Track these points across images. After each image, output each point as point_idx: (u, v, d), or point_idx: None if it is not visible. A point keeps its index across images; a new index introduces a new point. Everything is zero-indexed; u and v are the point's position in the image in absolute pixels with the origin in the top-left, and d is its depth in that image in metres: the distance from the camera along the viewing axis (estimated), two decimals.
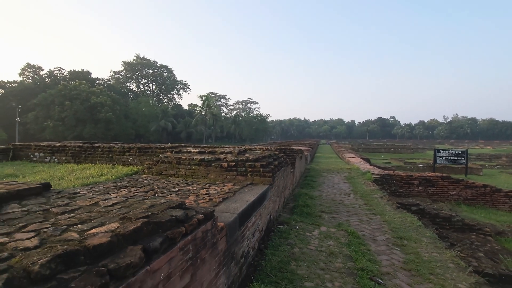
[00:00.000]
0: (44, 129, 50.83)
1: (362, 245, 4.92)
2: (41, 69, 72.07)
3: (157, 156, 7.10)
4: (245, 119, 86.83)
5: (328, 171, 16.43)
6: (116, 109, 54.22)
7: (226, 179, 5.55)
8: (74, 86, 52.89)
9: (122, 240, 1.62)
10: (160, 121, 65.71)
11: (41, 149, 9.44)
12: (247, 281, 3.45)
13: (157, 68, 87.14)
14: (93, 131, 50.61)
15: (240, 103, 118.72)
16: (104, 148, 8.75)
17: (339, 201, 8.62)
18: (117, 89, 72.98)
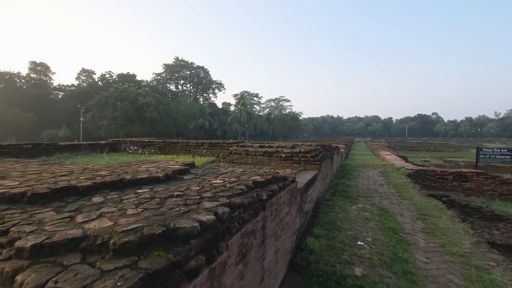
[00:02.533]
0: (99, 127, 57.21)
1: (391, 216, 6.48)
2: (93, 73, 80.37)
3: (224, 150, 9.18)
4: (277, 117, 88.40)
5: (363, 166, 17.59)
6: (160, 109, 59.01)
7: (284, 166, 7.41)
8: (124, 88, 58.58)
9: (266, 181, 3.52)
10: (198, 119, 69.85)
11: (134, 144, 12.20)
12: (309, 228, 5.27)
13: (194, 69, 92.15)
14: (141, 129, 55.78)
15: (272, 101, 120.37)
16: (182, 143, 11.18)
17: (373, 190, 10.05)
18: (158, 90, 78.78)
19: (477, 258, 4.56)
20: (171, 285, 1.48)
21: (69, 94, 72.92)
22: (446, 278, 3.87)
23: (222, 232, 2.08)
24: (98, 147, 11.80)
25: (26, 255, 1.52)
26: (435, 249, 4.87)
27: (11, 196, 2.39)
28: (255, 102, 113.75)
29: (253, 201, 2.75)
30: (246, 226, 2.45)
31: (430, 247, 4.98)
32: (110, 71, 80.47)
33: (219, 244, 2.00)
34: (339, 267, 3.91)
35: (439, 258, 4.54)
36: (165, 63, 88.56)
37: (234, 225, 2.25)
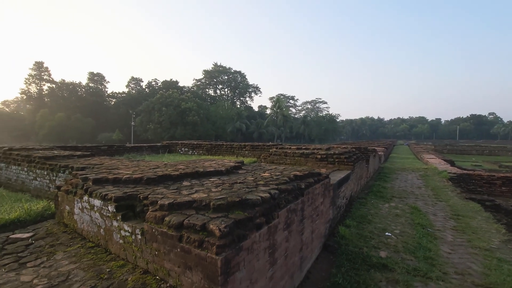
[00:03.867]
0: (147, 130, 62.37)
1: (422, 214, 6.88)
2: (141, 81, 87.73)
3: (265, 151, 10.18)
4: (314, 119, 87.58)
5: (403, 169, 17.36)
6: (200, 113, 62.46)
7: (320, 166, 8.17)
8: (168, 94, 63.18)
9: (304, 175, 4.41)
10: (235, 122, 72.30)
11: (185, 146, 13.91)
12: (341, 220, 6.01)
13: (231, 73, 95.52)
14: (183, 132, 59.61)
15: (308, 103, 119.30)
16: (227, 145, 12.52)
17: (409, 191, 10.26)
18: (198, 95, 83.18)
19: (502, 252, 4.90)
20: (247, 229, 2.48)
21: (121, 101, 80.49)
22: (466, 265, 4.37)
23: (274, 206, 3.04)
24: (156, 149, 13.71)
25: (166, 208, 2.63)
26: (461, 244, 5.29)
27: (134, 179, 3.64)
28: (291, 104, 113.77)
29: (294, 188, 3.67)
30: (290, 205, 3.38)
31: (457, 241, 5.39)
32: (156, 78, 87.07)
33: (273, 213, 2.96)
34: (366, 250, 4.63)
35: (463, 250, 4.98)
36: (204, 69, 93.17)
37: (282, 202, 3.20)
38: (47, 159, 5.78)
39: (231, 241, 2.23)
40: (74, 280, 2.49)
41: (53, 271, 2.65)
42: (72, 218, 3.66)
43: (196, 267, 2.20)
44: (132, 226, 2.78)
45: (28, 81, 72.09)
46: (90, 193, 3.30)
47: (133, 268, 2.69)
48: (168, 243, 2.42)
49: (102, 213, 3.11)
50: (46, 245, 3.24)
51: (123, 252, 2.89)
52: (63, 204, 3.86)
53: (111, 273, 2.60)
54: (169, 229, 2.43)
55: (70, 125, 64.60)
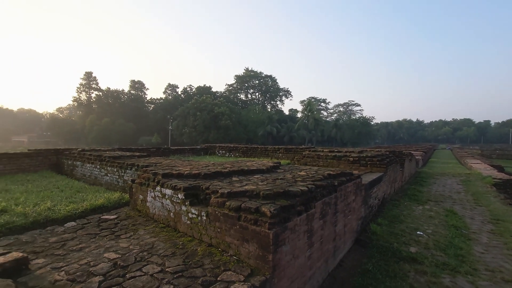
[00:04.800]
0: (182, 134, 65.67)
1: (458, 217, 6.92)
2: (177, 87, 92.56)
3: (298, 154, 10.69)
4: (346, 123, 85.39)
5: (442, 174, 16.71)
6: (233, 117, 64.29)
7: (352, 168, 8.49)
8: (202, 99, 66.03)
9: (337, 174, 4.91)
10: (266, 126, 73.14)
11: (222, 148, 14.97)
12: (373, 219, 6.34)
13: (262, 78, 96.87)
14: (216, 136, 61.82)
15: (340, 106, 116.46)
16: (261, 148, 13.27)
17: (447, 196, 10.08)
18: (230, 99, 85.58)
19: None
20: (290, 214, 3.08)
21: (159, 106, 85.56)
22: (498, 264, 4.51)
23: (311, 197, 3.61)
24: (196, 151, 14.89)
25: (225, 196, 3.34)
26: (496, 245, 5.35)
27: (193, 174, 4.43)
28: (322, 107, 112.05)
29: (328, 184, 4.20)
30: (324, 198, 3.92)
31: (492, 243, 5.46)
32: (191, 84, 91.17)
33: (310, 203, 3.53)
34: (397, 245, 4.96)
35: (498, 251, 5.07)
36: (236, 74, 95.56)
37: (317, 195, 3.76)
38: (116, 159, 6.92)
39: (279, 221, 2.86)
40: (158, 248, 3.29)
41: (141, 241, 3.49)
42: (145, 205, 4.56)
43: (252, 240, 2.86)
44: (198, 210, 3.52)
45: (79, 90, 79.75)
46: (162, 184, 4.15)
47: (199, 242, 3.42)
48: (229, 222, 3.11)
49: (173, 200, 3.92)
50: (129, 224, 4.14)
51: (190, 231, 3.65)
52: (137, 194, 4.78)
53: (183, 245, 3.36)
54: (230, 211, 3.12)
55: (114, 129, 70.31)
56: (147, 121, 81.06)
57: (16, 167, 8.22)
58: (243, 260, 2.94)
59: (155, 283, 2.49)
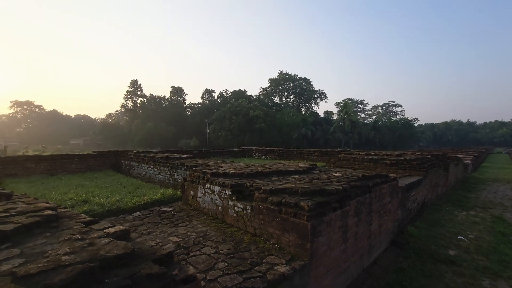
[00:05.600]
0: (219, 137, 68.03)
1: (508, 224, 6.57)
2: (213, 92, 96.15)
3: (333, 157, 10.80)
4: (386, 124, 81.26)
5: (494, 180, 15.42)
6: (267, 120, 65.03)
7: (389, 171, 8.44)
8: (237, 103, 67.83)
9: (372, 176, 5.11)
10: (301, 129, 72.60)
11: (259, 151, 15.63)
12: (411, 222, 6.34)
13: (296, 80, 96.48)
14: (251, 139, 62.99)
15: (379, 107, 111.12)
16: (297, 151, 13.62)
17: (498, 203, 9.43)
18: (265, 102, 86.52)
19: None
20: (326, 209, 3.44)
21: (197, 110, 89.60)
22: None
23: (346, 196, 3.93)
24: (234, 153, 15.73)
25: (267, 192, 3.81)
26: None
27: (237, 174, 4.98)
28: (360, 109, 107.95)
29: (362, 185, 4.46)
30: (359, 198, 4.19)
31: None
32: (227, 89, 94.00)
33: (345, 201, 3.85)
34: (435, 248, 4.99)
35: None
36: (270, 78, 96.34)
37: (352, 194, 4.06)
38: (167, 160, 7.81)
39: (315, 214, 3.25)
40: (211, 235, 3.86)
41: (196, 229, 4.10)
42: (196, 200, 5.22)
43: (292, 230, 3.28)
44: (244, 204, 4.04)
45: (126, 97, 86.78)
46: (211, 182, 4.76)
47: (245, 232, 3.93)
48: (271, 214, 3.57)
49: (221, 196, 4.50)
50: (184, 215, 4.81)
51: (236, 222, 4.18)
52: (188, 190, 5.48)
53: (232, 234, 3.90)
54: (272, 205, 3.58)
55: (156, 132, 75.27)
56: (186, 125, 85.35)
57: (85, 166, 9.62)
58: (284, 248, 3.37)
59: (213, 261, 3.04)
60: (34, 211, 2.51)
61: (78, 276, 1.50)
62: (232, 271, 2.82)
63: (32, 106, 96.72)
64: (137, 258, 1.88)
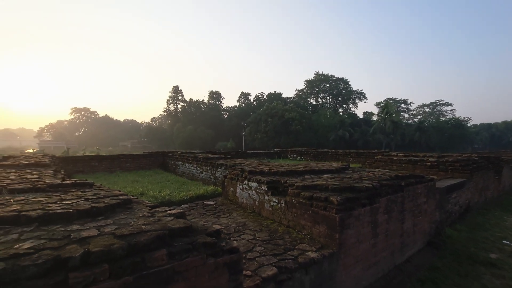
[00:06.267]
0: (254, 139, 69.18)
1: None
2: (249, 95, 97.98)
3: (370, 158, 10.67)
4: (433, 125, 75.31)
5: None
6: (303, 122, 64.51)
7: (430, 173, 8.18)
8: (273, 106, 68.36)
9: (405, 176, 5.16)
10: (338, 130, 70.61)
11: (294, 152, 15.96)
12: (451, 225, 6.16)
13: (333, 81, 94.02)
14: (286, 141, 62.98)
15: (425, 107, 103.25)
16: (332, 152, 13.65)
17: None
18: (300, 104, 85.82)
19: None
20: (355, 204, 3.70)
21: (233, 113, 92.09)
22: None
23: (376, 193, 4.12)
24: (270, 154, 16.22)
25: (300, 188, 4.18)
26: None
27: (273, 172, 5.41)
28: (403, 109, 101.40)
29: (394, 184, 4.59)
30: (389, 196, 4.35)
31: None
32: (262, 92, 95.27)
33: (375, 198, 4.06)
34: (474, 250, 4.88)
35: None
36: (306, 79, 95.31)
37: (382, 192, 4.23)
38: (208, 159, 8.55)
39: (344, 208, 3.53)
40: (249, 225, 4.34)
41: (235, 220, 4.62)
42: (235, 195, 5.75)
43: (322, 222, 3.61)
44: (278, 199, 4.45)
45: (168, 102, 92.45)
46: (249, 179, 5.25)
47: (279, 224, 4.34)
48: (303, 208, 3.93)
49: (257, 191, 4.96)
50: (225, 208, 5.37)
51: (271, 215, 4.61)
52: (228, 186, 6.04)
53: (267, 225, 4.33)
54: (304, 199, 3.94)
55: (196, 135, 79.01)
56: (223, 128, 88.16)
57: (137, 165, 10.85)
58: (315, 238, 3.71)
59: (251, 245, 3.50)
60: (113, 196, 3.20)
61: (155, 238, 2.05)
62: (268, 253, 3.24)
63: (88, 112, 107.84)
64: (193, 232, 2.40)
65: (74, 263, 1.67)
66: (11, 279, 1.50)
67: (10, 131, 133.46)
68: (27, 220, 2.28)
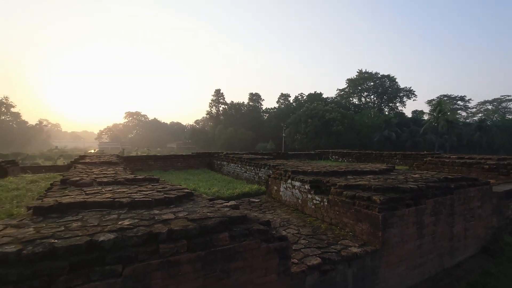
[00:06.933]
0: (294, 141, 68.77)
1: None
2: (289, 96, 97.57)
3: (418, 160, 10.17)
4: (497, 124, 66.92)
5: None
6: (345, 122, 62.35)
7: (487, 177, 7.58)
8: (313, 107, 67.24)
9: (455, 179, 4.98)
10: (383, 131, 66.75)
11: (335, 154, 15.84)
12: (511, 231, 5.72)
13: (378, 79, 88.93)
14: (327, 142, 61.44)
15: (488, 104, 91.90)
16: (376, 154, 13.24)
17: None
18: (342, 104, 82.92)
19: None
20: (398, 205, 3.78)
21: (272, 115, 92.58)
22: None
23: (421, 195, 4.12)
24: (311, 155, 16.28)
25: (342, 187, 4.35)
26: None
27: (315, 172, 5.63)
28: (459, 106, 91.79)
29: (442, 186, 4.50)
30: (437, 198, 4.29)
31: None
32: (302, 93, 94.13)
33: (420, 199, 4.06)
34: None
35: None
36: (348, 78, 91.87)
37: (429, 194, 4.21)
38: (252, 160, 9.04)
39: (387, 207, 3.64)
40: (293, 221, 4.64)
41: (280, 216, 4.95)
42: (278, 194, 6.09)
43: (364, 220, 3.76)
44: (321, 197, 4.68)
45: (211, 105, 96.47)
46: (292, 178, 5.55)
47: (322, 221, 4.56)
48: (345, 206, 4.11)
49: (300, 190, 5.24)
50: (269, 205, 5.74)
51: (314, 213, 4.84)
52: (272, 185, 6.41)
53: (310, 222, 4.58)
54: (346, 198, 4.12)
55: (237, 137, 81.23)
56: (263, 129, 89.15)
57: (187, 164, 11.84)
58: (357, 235, 3.87)
59: (296, 238, 3.80)
60: (178, 189, 3.77)
61: (219, 223, 2.48)
62: (312, 246, 3.52)
63: (139, 116, 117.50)
64: (248, 220, 2.80)
65: (162, 237, 2.17)
66: (121, 246, 2.03)
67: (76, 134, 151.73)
68: (120, 205, 2.89)
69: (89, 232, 2.12)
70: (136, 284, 1.98)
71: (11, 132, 68.00)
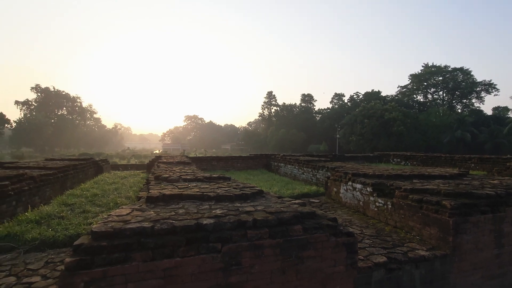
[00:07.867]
0: (349, 142, 65.73)
1: None
2: (343, 96, 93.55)
3: (499, 165, 9.07)
4: None
5: None
6: (407, 122, 57.23)
7: None
8: (370, 106, 63.29)
9: None
10: (455, 131, 59.25)
11: (397, 157, 14.99)
12: None
13: (448, 72, 79.16)
14: (386, 144, 57.20)
15: None
16: (446, 157, 12.16)
17: None
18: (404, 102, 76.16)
19: None
20: (472, 211, 3.65)
21: (326, 116, 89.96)
22: None
23: (500, 202, 3.88)
24: (369, 158, 15.64)
25: (408, 191, 4.34)
26: None
27: (377, 175, 5.62)
28: None
29: None
30: None
31: None
32: (358, 92, 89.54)
33: (499, 207, 3.83)
34: None
35: None
36: (411, 74, 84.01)
37: (509, 201, 3.93)
38: (309, 162, 9.25)
39: (459, 213, 3.57)
40: (355, 222, 4.77)
41: (341, 217, 5.12)
42: (338, 195, 6.23)
43: (433, 225, 3.73)
44: (384, 200, 4.71)
45: (263, 107, 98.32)
46: (353, 180, 5.65)
47: (385, 224, 4.60)
48: (412, 210, 4.10)
49: (362, 192, 5.32)
50: (329, 206, 5.93)
51: (377, 215, 4.89)
52: (331, 187, 6.56)
53: (373, 224, 4.66)
54: (412, 202, 4.11)
55: (288, 138, 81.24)
56: (315, 130, 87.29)
57: (246, 165, 12.61)
58: (424, 239, 3.85)
59: (360, 238, 3.97)
60: (249, 187, 4.28)
61: (293, 217, 2.87)
62: (377, 246, 3.66)
63: (197, 119, 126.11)
64: (317, 216, 3.12)
65: (249, 224, 2.65)
66: (219, 229, 2.56)
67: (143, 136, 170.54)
68: (208, 198, 3.50)
69: (193, 217, 2.71)
70: (231, 260, 2.48)
71: (94, 134, 79.79)
